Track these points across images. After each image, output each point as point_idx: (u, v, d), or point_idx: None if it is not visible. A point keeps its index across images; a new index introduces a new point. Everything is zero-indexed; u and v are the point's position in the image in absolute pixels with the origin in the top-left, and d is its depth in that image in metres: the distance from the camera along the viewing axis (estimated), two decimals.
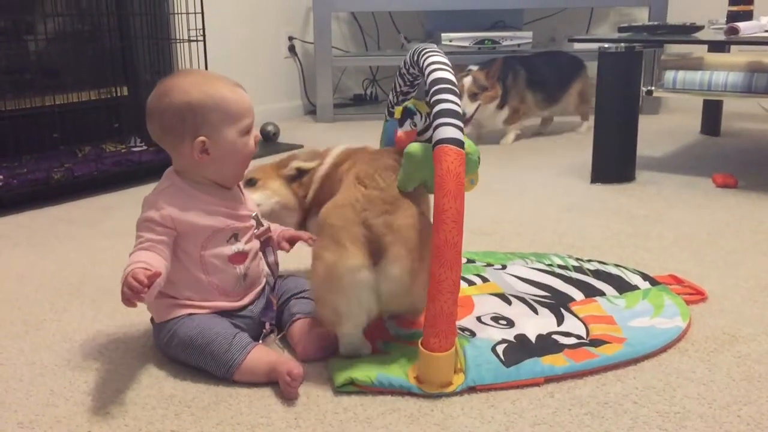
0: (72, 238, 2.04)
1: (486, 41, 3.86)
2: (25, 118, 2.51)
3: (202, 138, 1.28)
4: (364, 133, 1.59)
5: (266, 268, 1.43)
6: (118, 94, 3.01)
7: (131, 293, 1.16)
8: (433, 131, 1.26)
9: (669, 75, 2.64)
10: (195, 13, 2.76)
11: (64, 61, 2.84)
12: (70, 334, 1.46)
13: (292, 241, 1.49)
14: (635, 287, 1.60)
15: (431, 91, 1.31)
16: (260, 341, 1.31)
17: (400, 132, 1.44)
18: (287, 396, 1.20)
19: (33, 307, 1.59)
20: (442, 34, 3.86)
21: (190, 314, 1.30)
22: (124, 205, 2.35)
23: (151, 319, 1.37)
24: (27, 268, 1.82)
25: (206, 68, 2.80)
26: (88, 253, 1.92)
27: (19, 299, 1.63)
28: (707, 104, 3.36)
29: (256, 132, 1.36)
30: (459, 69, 3.11)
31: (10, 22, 2.71)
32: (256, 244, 1.39)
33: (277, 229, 1.49)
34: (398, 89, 1.62)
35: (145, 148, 2.85)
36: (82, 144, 2.78)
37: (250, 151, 1.34)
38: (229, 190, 1.36)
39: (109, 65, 2.97)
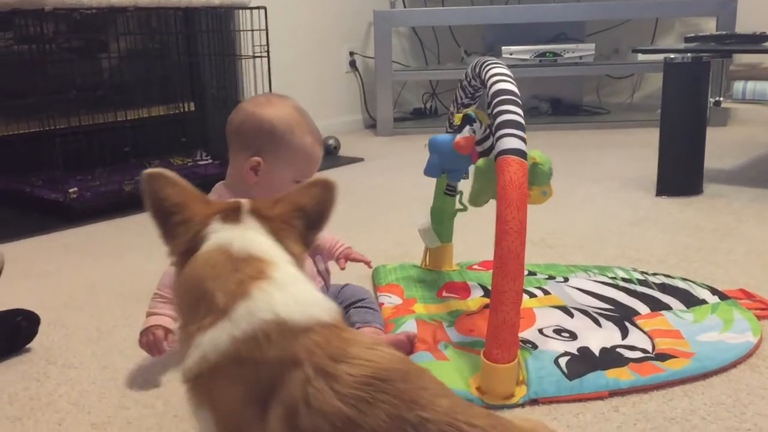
0: (141, 248, 2.10)
1: (547, 54, 3.83)
2: (98, 133, 2.61)
3: (259, 159, 1.32)
4: (423, 148, 1.60)
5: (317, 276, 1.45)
6: (186, 110, 3.10)
7: (148, 350, 1.29)
8: (496, 142, 1.27)
9: (738, 85, 2.58)
10: (260, 30, 2.83)
11: (135, 78, 2.95)
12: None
13: (350, 260, 1.50)
14: (703, 301, 1.56)
15: (493, 103, 1.32)
16: None
17: (458, 137, 1.45)
18: None
19: (105, 313, 1.65)
20: (503, 47, 3.85)
21: None
22: None
23: None
24: (99, 277, 1.89)
25: (270, 83, 2.86)
26: (156, 262, 1.96)
27: (92, 306, 1.69)
28: None
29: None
30: None
31: (85, 41, 2.83)
32: None
33: (333, 241, 1.50)
34: (459, 101, 1.63)
35: (210, 161, 2.93)
36: (151, 157, 2.87)
37: None
38: None
39: (177, 82, 3.07)
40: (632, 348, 1.35)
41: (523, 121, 1.28)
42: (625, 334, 1.41)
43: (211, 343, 0.77)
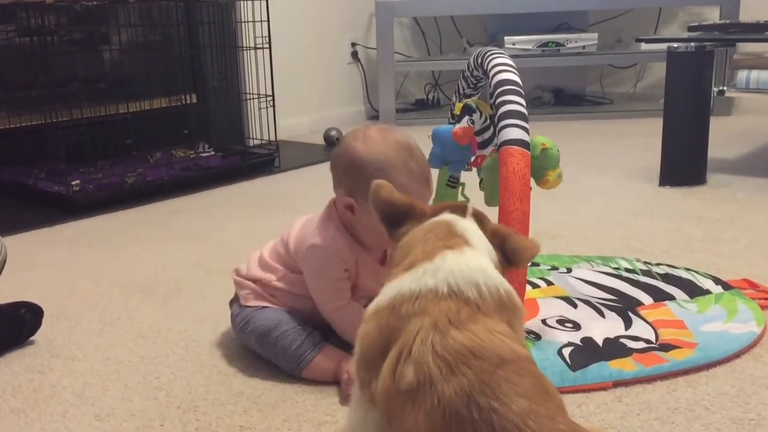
0: (144, 240, 2.10)
1: (550, 44, 3.81)
2: (99, 126, 2.61)
3: (352, 201, 1.26)
4: (426, 138, 1.59)
5: None
6: (188, 102, 3.10)
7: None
8: (499, 133, 1.26)
9: (742, 75, 2.56)
10: (261, 22, 2.82)
11: (137, 70, 2.95)
12: (143, 331, 1.51)
13: None
14: (707, 291, 1.55)
15: (496, 93, 1.31)
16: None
17: (457, 127, 1.44)
18: (344, 394, 1.21)
19: (108, 305, 1.65)
20: (505, 38, 3.83)
21: (266, 306, 1.33)
22: (193, 209, 2.41)
23: (230, 302, 1.41)
24: (102, 269, 1.89)
25: (272, 75, 2.86)
26: (159, 254, 1.98)
27: (95, 298, 1.69)
28: None
29: None
30: None
31: (86, 33, 2.83)
32: None
33: None
34: (461, 92, 1.63)
35: (212, 153, 2.93)
36: (154, 150, 2.87)
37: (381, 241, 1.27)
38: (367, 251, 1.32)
39: (178, 73, 3.06)
40: (636, 338, 1.35)
41: (525, 112, 1.28)
42: (628, 324, 1.41)
43: (385, 292, 0.87)
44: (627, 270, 1.69)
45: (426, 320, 0.81)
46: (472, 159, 1.48)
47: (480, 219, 0.97)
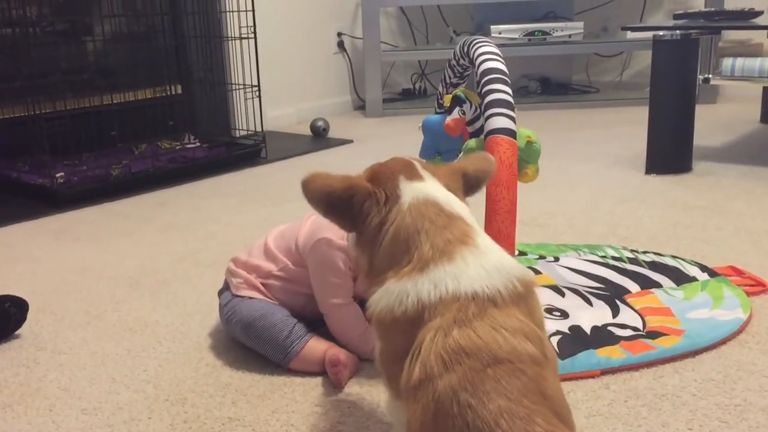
0: (130, 232, 2.09)
1: (536, 32, 3.81)
2: (84, 117, 2.59)
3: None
4: (413, 128, 1.59)
5: None
6: (173, 93, 3.08)
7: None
8: (485, 121, 1.26)
9: (727, 62, 2.57)
10: (246, 11, 2.80)
11: (121, 60, 2.92)
12: (129, 324, 1.50)
13: None
14: (693, 279, 1.56)
15: (482, 82, 1.31)
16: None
17: (448, 119, 1.44)
18: (333, 383, 1.21)
19: (94, 298, 1.64)
20: (492, 27, 3.83)
21: (252, 297, 1.33)
22: (179, 201, 2.40)
23: (219, 292, 1.41)
24: (88, 262, 1.87)
25: (257, 65, 2.84)
26: (145, 246, 1.97)
27: (81, 291, 1.68)
28: (767, 92, 3.26)
29: None
30: None
31: (69, 24, 2.80)
32: None
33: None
34: (448, 81, 1.62)
35: (198, 144, 2.91)
36: (139, 141, 2.85)
37: None
38: None
39: (163, 64, 3.04)
40: (623, 326, 1.36)
41: (512, 100, 1.28)
42: (615, 312, 1.42)
43: (399, 297, 0.83)
44: (614, 258, 1.69)
45: (439, 321, 0.81)
46: None
47: (434, 173, 0.94)
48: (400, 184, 0.91)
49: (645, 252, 1.73)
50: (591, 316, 1.40)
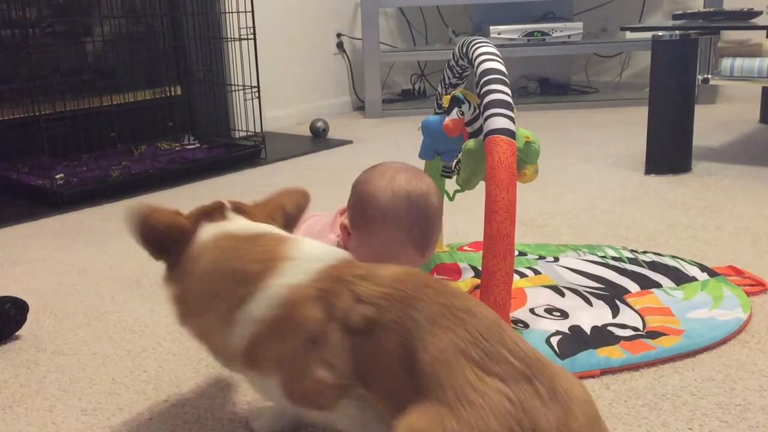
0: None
1: (535, 33, 3.81)
2: (83, 118, 2.59)
3: (347, 224, 1.29)
4: (412, 129, 1.59)
5: None
6: (172, 94, 3.08)
7: None
8: (484, 122, 1.26)
9: (726, 63, 2.57)
10: (245, 12, 2.80)
11: (121, 62, 2.92)
12: (129, 324, 1.50)
13: None
14: (693, 279, 1.56)
15: (481, 82, 1.31)
16: None
17: (447, 120, 1.44)
18: None
19: (94, 299, 1.64)
20: (491, 27, 3.83)
21: None
22: (179, 202, 2.39)
23: None
24: (88, 263, 1.87)
25: (257, 66, 2.84)
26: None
27: (81, 292, 1.68)
28: (766, 92, 3.26)
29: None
30: None
31: (69, 25, 2.80)
32: None
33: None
34: (447, 81, 1.62)
35: (198, 145, 2.91)
36: (139, 142, 2.85)
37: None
38: None
39: (163, 65, 3.04)
40: (623, 326, 1.36)
41: (511, 101, 1.28)
42: (615, 312, 1.42)
43: (253, 311, 0.87)
44: (614, 258, 1.69)
45: (343, 279, 0.89)
46: None
47: (243, 210, 0.99)
48: (199, 228, 0.95)
49: (645, 252, 1.73)
50: (591, 316, 1.40)
